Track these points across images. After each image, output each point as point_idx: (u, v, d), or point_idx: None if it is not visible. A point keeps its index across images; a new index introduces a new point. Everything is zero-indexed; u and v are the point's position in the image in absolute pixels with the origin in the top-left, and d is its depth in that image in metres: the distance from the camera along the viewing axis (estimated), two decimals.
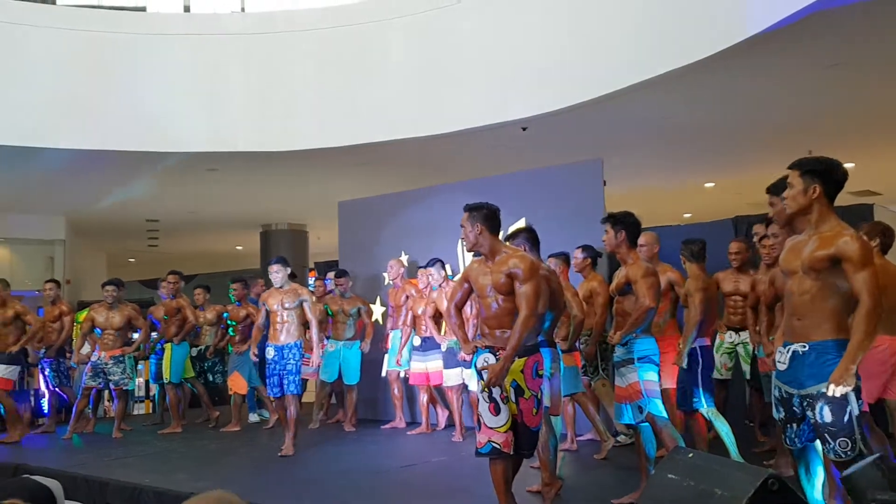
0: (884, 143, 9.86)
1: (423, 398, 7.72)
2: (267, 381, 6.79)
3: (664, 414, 4.67)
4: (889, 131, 9.34)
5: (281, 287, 6.76)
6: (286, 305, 6.68)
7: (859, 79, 7.46)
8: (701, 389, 5.16)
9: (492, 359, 4.12)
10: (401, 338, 7.93)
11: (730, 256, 6.05)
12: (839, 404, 3.11)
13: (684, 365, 5.15)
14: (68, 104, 8.78)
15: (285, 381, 6.57)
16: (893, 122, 8.95)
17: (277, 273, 6.74)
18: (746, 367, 6.10)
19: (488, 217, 4.25)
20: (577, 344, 6.08)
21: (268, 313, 6.82)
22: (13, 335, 7.91)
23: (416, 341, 7.64)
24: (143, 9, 10.03)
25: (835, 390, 3.07)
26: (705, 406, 5.17)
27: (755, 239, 5.54)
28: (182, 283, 8.75)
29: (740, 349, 6.15)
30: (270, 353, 6.65)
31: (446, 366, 7.22)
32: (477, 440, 4.16)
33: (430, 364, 7.49)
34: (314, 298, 7.37)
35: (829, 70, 7.13)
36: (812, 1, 5.68)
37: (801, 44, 6.56)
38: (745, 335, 6.02)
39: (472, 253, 4.46)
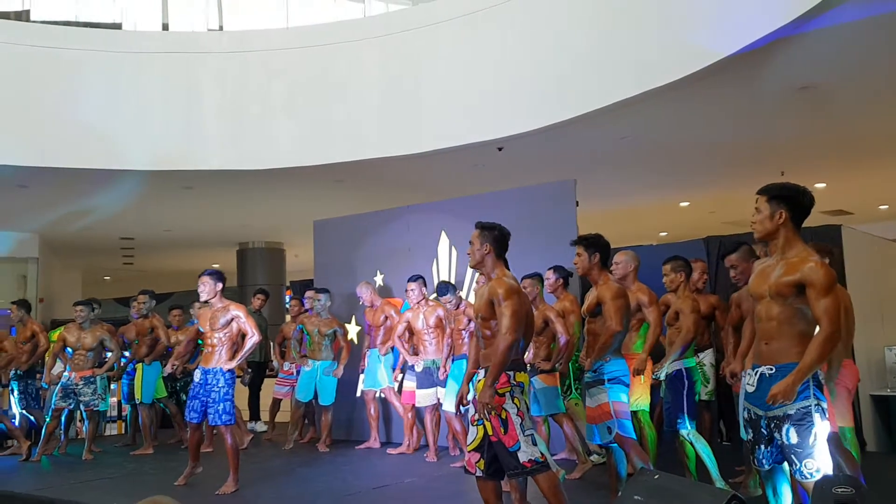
0: (854, 164, 10.00)
1: (410, 417, 7.57)
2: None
3: (633, 435, 4.68)
4: (859, 153, 9.48)
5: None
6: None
7: (829, 101, 7.56)
8: (685, 411, 5.10)
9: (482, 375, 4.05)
10: (379, 357, 7.89)
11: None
12: (805, 426, 3.15)
13: (662, 377, 5.13)
14: (9, 120, 8.56)
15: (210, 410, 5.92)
16: (863, 144, 9.09)
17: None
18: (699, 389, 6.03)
19: (498, 239, 4.16)
20: (557, 364, 6.08)
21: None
22: None
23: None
24: (118, 25, 9.99)
25: (773, 400, 3.15)
26: (688, 427, 5.09)
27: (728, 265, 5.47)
28: (153, 303, 8.54)
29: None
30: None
31: (419, 385, 7.18)
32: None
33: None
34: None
35: (799, 92, 7.23)
36: (777, 27, 5.79)
37: (772, 67, 6.66)
38: (702, 356, 6.04)
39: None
